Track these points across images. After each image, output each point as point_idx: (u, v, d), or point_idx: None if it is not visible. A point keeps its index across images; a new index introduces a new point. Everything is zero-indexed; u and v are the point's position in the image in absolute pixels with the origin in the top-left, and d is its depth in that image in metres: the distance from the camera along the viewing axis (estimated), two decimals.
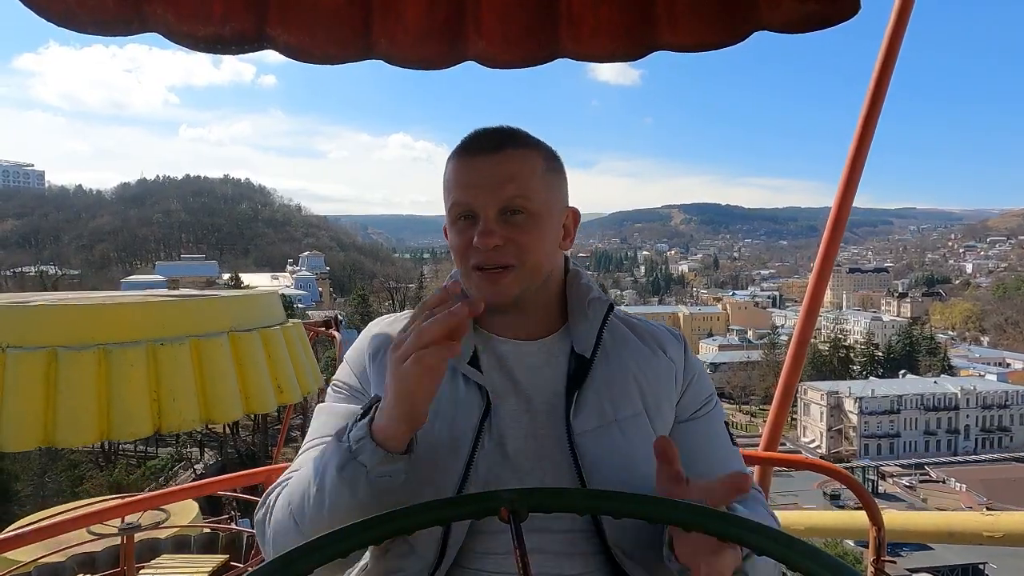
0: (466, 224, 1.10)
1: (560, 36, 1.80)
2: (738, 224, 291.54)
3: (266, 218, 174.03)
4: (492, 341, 1.16)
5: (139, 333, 2.68)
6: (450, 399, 1.08)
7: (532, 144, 1.13)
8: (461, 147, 1.12)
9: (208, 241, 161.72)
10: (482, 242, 1.06)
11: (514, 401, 1.10)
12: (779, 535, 0.65)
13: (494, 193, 1.07)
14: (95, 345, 2.57)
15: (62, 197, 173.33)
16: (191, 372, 2.76)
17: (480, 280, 1.09)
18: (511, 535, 0.67)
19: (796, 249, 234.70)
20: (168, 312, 2.84)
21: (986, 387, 65.67)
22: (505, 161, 1.08)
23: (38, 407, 2.52)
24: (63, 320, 2.63)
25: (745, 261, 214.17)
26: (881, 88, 2.34)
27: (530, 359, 1.14)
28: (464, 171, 1.10)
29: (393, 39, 1.72)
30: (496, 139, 1.10)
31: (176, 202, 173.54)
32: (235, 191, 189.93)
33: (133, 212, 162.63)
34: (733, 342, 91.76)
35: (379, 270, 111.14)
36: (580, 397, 1.09)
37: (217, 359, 2.84)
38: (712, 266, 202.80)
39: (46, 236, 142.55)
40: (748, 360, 76.69)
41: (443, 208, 1.16)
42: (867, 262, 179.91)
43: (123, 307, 2.75)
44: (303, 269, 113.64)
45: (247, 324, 3.07)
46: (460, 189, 1.09)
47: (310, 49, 1.65)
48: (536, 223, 1.09)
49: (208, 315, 2.95)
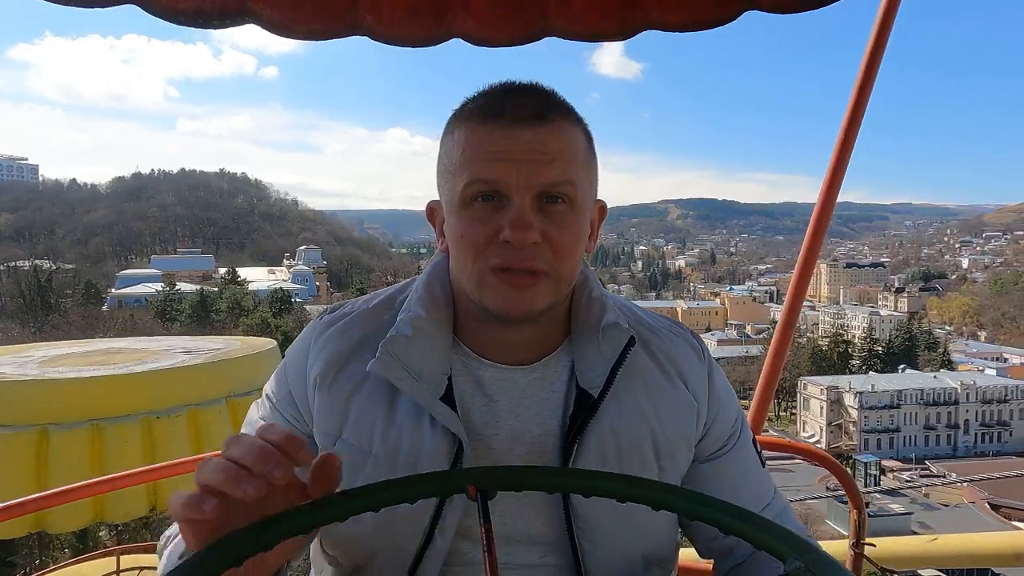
0: (487, 209, 0.85)
1: (549, 13, 1.76)
2: (735, 219, 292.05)
3: (262, 212, 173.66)
4: (471, 363, 0.94)
5: (133, 406, 2.50)
6: (412, 442, 0.88)
7: (575, 115, 0.90)
8: (487, 108, 0.86)
9: (204, 235, 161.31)
10: (518, 237, 0.82)
11: (494, 442, 0.91)
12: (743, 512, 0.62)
13: (535, 172, 0.83)
14: (87, 421, 2.38)
15: (56, 191, 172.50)
16: (188, 443, 2.56)
17: (503, 286, 0.85)
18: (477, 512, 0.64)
19: (792, 244, 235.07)
20: (164, 382, 2.64)
21: (986, 382, 65.75)
22: (551, 133, 0.85)
23: (28, 489, 2.31)
24: (54, 396, 2.42)
25: (742, 256, 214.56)
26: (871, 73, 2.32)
27: (519, 389, 0.93)
28: (493, 139, 0.84)
29: (379, 15, 1.68)
30: (538, 102, 0.86)
31: (172, 196, 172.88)
32: (231, 185, 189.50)
33: (128, 206, 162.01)
34: (731, 336, 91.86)
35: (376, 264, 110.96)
36: (582, 443, 0.90)
37: (216, 427, 2.67)
38: (709, 261, 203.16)
39: (40, 230, 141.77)
40: (747, 355, 76.62)
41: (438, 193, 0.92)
42: (863, 257, 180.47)
43: (117, 379, 2.52)
44: (300, 263, 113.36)
45: (246, 387, 2.87)
46: (484, 162, 0.84)
47: (294, 24, 1.60)
48: (576, 217, 0.87)
49: (206, 382, 2.74)
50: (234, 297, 70.61)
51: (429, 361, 0.89)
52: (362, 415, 0.90)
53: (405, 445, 0.88)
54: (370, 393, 0.90)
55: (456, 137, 0.87)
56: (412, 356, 0.88)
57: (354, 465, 0.89)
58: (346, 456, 0.86)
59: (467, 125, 0.86)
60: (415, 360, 0.88)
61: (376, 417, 0.90)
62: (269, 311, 68.05)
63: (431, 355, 0.90)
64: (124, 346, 3.21)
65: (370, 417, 0.90)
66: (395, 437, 0.89)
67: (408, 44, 1.74)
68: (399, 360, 0.88)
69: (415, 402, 0.88)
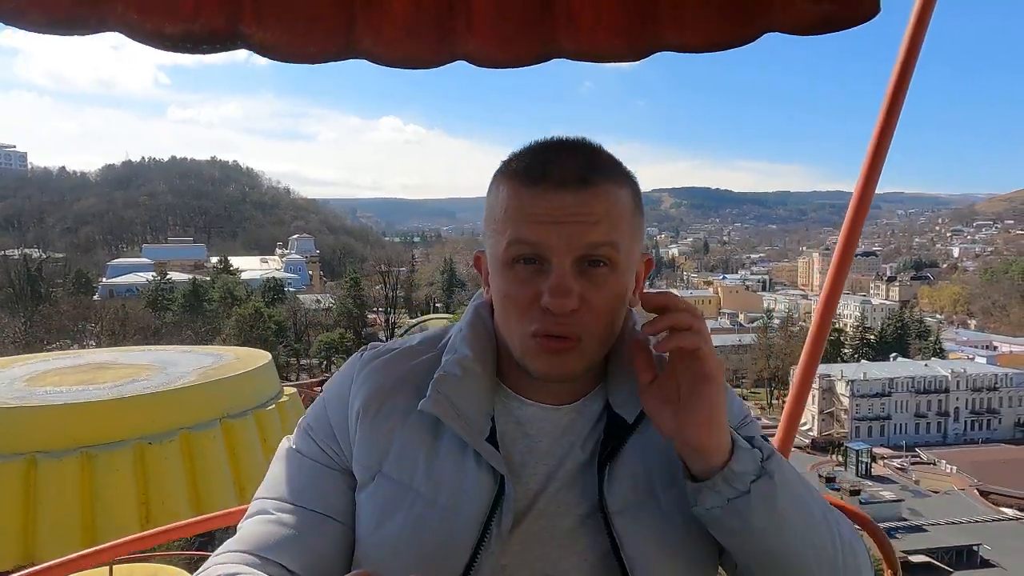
0: (528, 271, 0.85)
1: (557, 34, 1.69)
2: (728, 208, 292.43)
3: (254, 201, 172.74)
4: (513, 403, 0.94)
5: (125, 432, 2.46)
6: (455, 478, 0.88)
7: (622, 175, 0.89)
8: (531, 169, 0.86)
9: (195, 224, 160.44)
10: (556, 304, 0.82)
11: (532, 482, 0.91)
12: None
13: (577, 234, 0.83)
14: (77, 449, 2.28)
15: (45, 179, 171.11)
16: (181, 468, 2.53)
17: (542, 352, 0.86)
18: None
19: (785, 233, 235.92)
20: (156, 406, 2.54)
21: (976, 370, 66.23)
22: (595, 196, 0.84)
23: (16, 521, 2.30)
24: (42, 422, 2.32)
25: (735, 245, 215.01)
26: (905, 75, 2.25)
27: (560, 427, 0.93)
28: (535, 201, 0.84)
29: (378, 36, 1.61)
30: (582, 165, 0.86)
31: (163, 184, 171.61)
32: (223, 173, 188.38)
33: (118, 194, 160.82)
34: (724, 326, 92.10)
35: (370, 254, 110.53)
36: (614, 468, 0.90)
37: (209, 451, 2.63)
38: (702, 250, 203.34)
39: (29, 219, 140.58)
40: (740, 343, 76.95)
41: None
42: None
43: (107, 404, 2.44)
44: (293, 252, 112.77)
45: (240, 407, 2.79)
46: (528, 224, 0.84)
47: (287, 48, 1.54)
48: (618, 278, 0.86)
49: (199, 403, 2.67)
50: (226, 287, 70.15)
51: (475, 401, 0.91)
52: (405, 450, 0.90)
53: (448, 481, 0.88)
54: (414, 428, 0.91)
55: (500, 195, 0.88)
56: (460, 395, 0.90)
57: (394, 500, 0.89)
58: (386, 490, 0.89)
59: (510, 184, 0.87)
60: (463, 400, 0.90)
61: (419, 452, 0.90)
62: (262, 300, 67.67)
63: (477, 395, 0.91)
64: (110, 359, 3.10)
65: (413, 452, 0.90)
66: (438, 472, 0.89)
67: (408, 66, 1.66)
68: (448, 399, 0.89)
69: (459, 439, 0.89)
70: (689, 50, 1.69)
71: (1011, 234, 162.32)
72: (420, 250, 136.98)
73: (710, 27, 1.67)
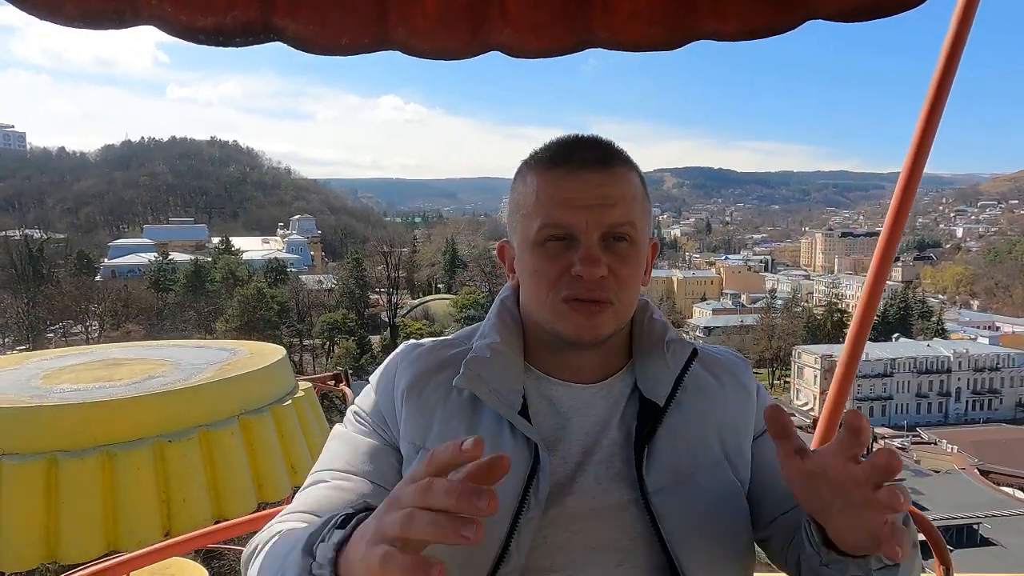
0: (558, 247, 0.95)
1: (592, 24, 1.65)
2: (730, 188, 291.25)
3: (255, 181, 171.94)
4: (543, 383, 1.02)
5: (145, 430, 2.47)
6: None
7: (632, 162, 1.01)
8: (556, 157, 0.98)
9: (196, 204, 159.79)
10: (588, 271, 0.92)
11: (568, 456, 0.98)
12: None
13: (602, 214, 0.94)
14: (97, 447, 2.34)
15: (45, 159, 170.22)
16: (201, 466, 2.55)
17: (574, 315, 0.95)
18: None
19: (788, 213, 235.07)
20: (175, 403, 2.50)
21: (978, 350, 66.30)
22: (614, 179, 0.96)
23: (38, 520, 2.27)
24: (61, 421, 2.30)
25: (737, 225, 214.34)
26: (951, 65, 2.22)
27: (589, 405, 1.01)
28: (563, 186, 0.95)
29: (412, 28, 1.58)
30: (602, 152, 0.98)
31: (163, 164, 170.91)
32: (223, 153, 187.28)
33: (118, 174, 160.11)
34: (727, 306, 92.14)
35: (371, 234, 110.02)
36: (652, 449, 0.97)
37: (228, 448, 2.62)
38: (704, 230, 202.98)
39: (30, 199, 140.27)
40: (742, 324, 77.02)
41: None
42: (859, 226, 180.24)
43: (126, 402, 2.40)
44: (294, 232, 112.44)
45: (258, 403, 2.75)
46: (558, 207, 0.95)
47: (321, 40, 1.52)
48: (636, 253, 0.98)
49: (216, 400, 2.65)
50: (229, 267, 70.08)
51: (505, 379, 0.98)
52: (446, 425, 0.97)
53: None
54: (454, 406, 0.99)
55: (529, 183, 0.98)
56: (491, 374, 0.98)
57: None
58: None
59: (538, 171, 0.98)
60: (494, 377, 0.98)
61: (459, 427, 0.97)
62: (265, 281, 67.65)
63: (507, 374, 0.99)
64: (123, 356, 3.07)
65: (454, 427, 0.97)
66: None
67: (442, 57, 1.63)
68: (479, 376, 0.98)
69: (496, 414, 0.97)
70: (727, 38, 1.65)
71: (1015, 214, 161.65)
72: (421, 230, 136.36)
73: (750, 14, 1.62)
